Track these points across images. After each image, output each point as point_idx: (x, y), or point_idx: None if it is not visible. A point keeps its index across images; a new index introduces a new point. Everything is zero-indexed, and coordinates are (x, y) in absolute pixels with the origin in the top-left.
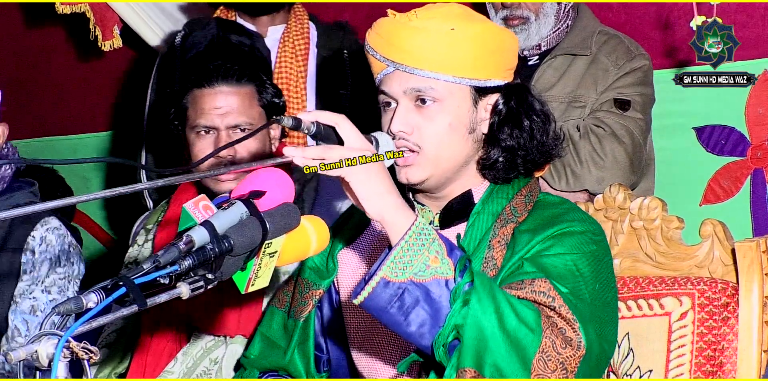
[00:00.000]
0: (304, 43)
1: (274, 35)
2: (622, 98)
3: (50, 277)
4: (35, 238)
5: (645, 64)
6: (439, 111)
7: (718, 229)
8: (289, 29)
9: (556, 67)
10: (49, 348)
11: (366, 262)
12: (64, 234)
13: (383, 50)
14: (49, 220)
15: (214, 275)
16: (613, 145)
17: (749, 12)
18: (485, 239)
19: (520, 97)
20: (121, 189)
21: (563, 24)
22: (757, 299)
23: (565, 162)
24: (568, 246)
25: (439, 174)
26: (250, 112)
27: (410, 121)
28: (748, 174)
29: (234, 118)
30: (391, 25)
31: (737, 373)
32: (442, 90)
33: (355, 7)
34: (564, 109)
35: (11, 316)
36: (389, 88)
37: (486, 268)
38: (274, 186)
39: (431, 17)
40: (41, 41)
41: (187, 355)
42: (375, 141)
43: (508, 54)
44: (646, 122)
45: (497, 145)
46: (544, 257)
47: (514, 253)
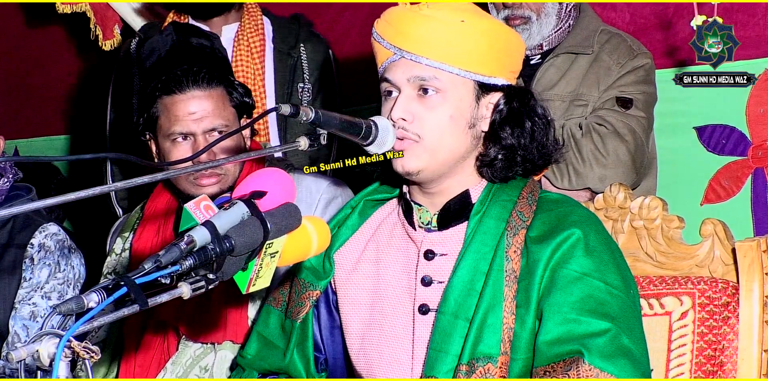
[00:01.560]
0: (259, 40)
1: (229, 34)
2: (625, 96)
3: (50, 283)
4: (34, 246)
5: (647, 63)
6: (441, 102)
7: (718, 228)
8: (243, 27)
9: (559, 66)
10: (51, 347)
11: (360, 262)
12: (63, 239)
13: (391, 37)
14: (48, 227)
15: (215, 275)
16: (616, 143)
17: (750, 12)
18: (500, 249)
19: (523, 99)
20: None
21: (565, 23)
22: (758, 299)
23: (568, 160)
24: (590, 270)
25: (436, 166)
26: (224, 114)
27: (411, 110)
28: (749, 173)
29: (210, 121)
30: (401, 13)
31: (738, 372)
32: (446, 81)
33: (355, 7)
34: (566, 108)
35: (11, 322)
36: (393, 75)
37: (509, 281)
38: (275, 186)
39: (442, 8)
40: (42, 41)
41: (177, 365)
42: (374, 125)
43: (514, 55)
44: (648, 120)
45: (497, 143)
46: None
47: (530, 263)
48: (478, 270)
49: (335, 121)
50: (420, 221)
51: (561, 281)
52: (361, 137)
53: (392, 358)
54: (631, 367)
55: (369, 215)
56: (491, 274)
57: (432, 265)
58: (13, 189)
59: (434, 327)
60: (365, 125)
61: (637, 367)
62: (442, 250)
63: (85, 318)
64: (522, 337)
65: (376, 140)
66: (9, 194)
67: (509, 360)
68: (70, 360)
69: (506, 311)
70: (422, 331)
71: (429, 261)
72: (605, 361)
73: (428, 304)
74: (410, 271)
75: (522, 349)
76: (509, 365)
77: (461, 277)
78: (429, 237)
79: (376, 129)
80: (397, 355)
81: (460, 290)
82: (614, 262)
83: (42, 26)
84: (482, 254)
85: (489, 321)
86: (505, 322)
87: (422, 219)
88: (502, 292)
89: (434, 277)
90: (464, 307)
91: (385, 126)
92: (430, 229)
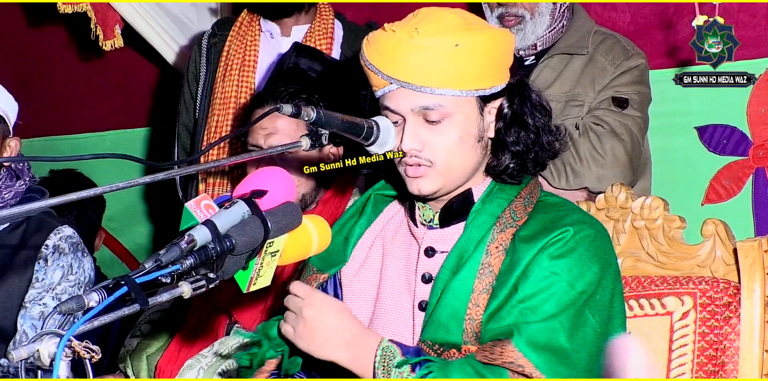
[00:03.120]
0: (327, 43)
1: (298, 35)
2: (621, 96)
3: (62, 285)
4: (48, 247)
5: (642, 63)
6: (449, 125)
7: (719, 228)
8: (313, 29)
9: (553, 67)
10: (51, 347)
11: (368, 258)
12: (77, 242)
13: (385, 68)
14: (62, 229)
15: (215, 274)
16: (613, 143)
17: (752, 12)
18: (483, 243)
19: (522, 95)
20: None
21: (559, 24)
22: (759, 299)
23: (565, 160)
24: (564, 271)
25: (450, 185)
26: (295, 135)
27: (420, 138)
28: (750, 173)
29: (277, 138)
30: (393, 43)
31: (739, 372)
32: (450, 105)
33: (356, 7)
34: (562, 108)
35: (20, 320)
36: (395, 105)
37: (482, 275)
38: (275, 185)
39: (434, 33)
40: (43, 41)
41: (223, 345)
42: (375, 125)
43: (508, 55)
44: (644, 120)
45: (507, 151)
46: (531, 297)
47: (514, 261)
48: (460, 262)
49: (337, 121)
50: (422, 219)
51: (531, 277)
52: (363, 137)
53: None
54: (558, 364)
55: (381, 210)
56: (466, 266)
57: (432, 262)
58: (29, 191)
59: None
60: (367, 125)
61: (565, 365)
62: (442, 247)
63: (86, 317)
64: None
65: (377, 140)
66: (24, 196)
67: (477, 350)
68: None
69: (471, 302)
70: (421, 327)
71: (429, 258)
72: (530, 349)
73: (427, 301)
74: (411, 268)
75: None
76: None
77: (446, 269)
78: (430, 234)
79: (377, 129)
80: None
81: (444, 282)
82: (590, 267)
83: (43, 26)
84: (466, 247)
85: (449, 309)
86: (469, 314)
87: (424, 216)
88: (472, 283)
89: (434, 274)
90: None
91: (387, 126)
92: (431, 227)
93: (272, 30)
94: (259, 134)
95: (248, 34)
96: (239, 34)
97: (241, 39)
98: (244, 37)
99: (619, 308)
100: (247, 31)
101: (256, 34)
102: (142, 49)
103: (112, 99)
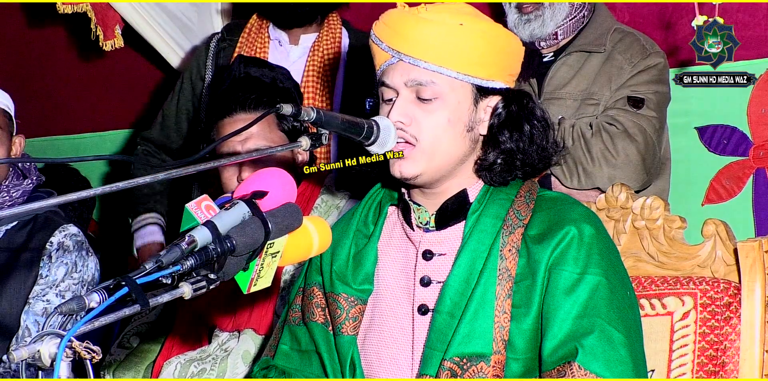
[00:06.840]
0: (334, 52)
1: (306, 43)
2: (636, 96)
3: (65, 282)
4: (53, 244)
5: (660, 62)
6: (440, 106)
7: (720, 228)
8: (321, 38)
9: (571, 65)
10: (52, 347)
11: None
12: (81, 240)
13: (389, 40)
14: (68, 227)
15: (216, 275)
16: (626, 144)
17: (752, 12)
18: (495, 248)
19: (521, 102)
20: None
21: (579, 13)
22: (760, 299)
23: (577, 160)
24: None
25: (433, 170)
26: (270, 137)
27: (409, 113)
28: (750, 174)
29: (253, 142)
30: (400, 16)
31: (739, 372)
32: (443, 85)
33: (355, 7)
34: (578, 107)
35: (24, 316)
36: (391, 79)
37: (501, 280)
38: (276, 186)
39: (441, 11)
40: (42, 41)
41: (204, 352)
42: (375, 125)
43: (513, 57)
44: (660, 120)
45: (496, 147)
46: (573, 315)
47: (531, 264)
48: (474, 269)
49: (337, 121)
50: (418, 221)
51: (561, 284)
52: (363, 137)
53: (391, 359)
54: (623, 364)
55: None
56: (484, 273)
57: (430, 266)
58: (35, 191)
59: (431, 326)
60: (367, 125)
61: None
62: (440, 249)
63: (87, 318)
64: (520, 336)
65: (377, 140)
66: (31, 195)
67: (505, 359)
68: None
69: (497, 310)
70: (421, 331)
71: (427, 261)
72: (596, 361)
73: (427, 305)
74: (409, 272)
75: (521, 349)
76: (507, 364)
77: (458, 276)
78: (427, 237)
79: (377, 129)
80: (396, 355)
81: (456, 289)
82: (608, 258)
83: (43, 26)
84: (478, 253)
85: (479, 320)
86: (497, 321)
87: (420, 219)
88: (494, 290)
89: (433, 277)
90: (459, 306)
91: (387, 126)
92: (428, 230)
93: (281, 38)
94: (232, 142)
95: (258, 41)
96: (249, 40)
97: (251, 45)
98: (254, 44)
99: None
100: (256, 38)
101: (265, 41)
102: (142, 49)
103: (112, 99)
